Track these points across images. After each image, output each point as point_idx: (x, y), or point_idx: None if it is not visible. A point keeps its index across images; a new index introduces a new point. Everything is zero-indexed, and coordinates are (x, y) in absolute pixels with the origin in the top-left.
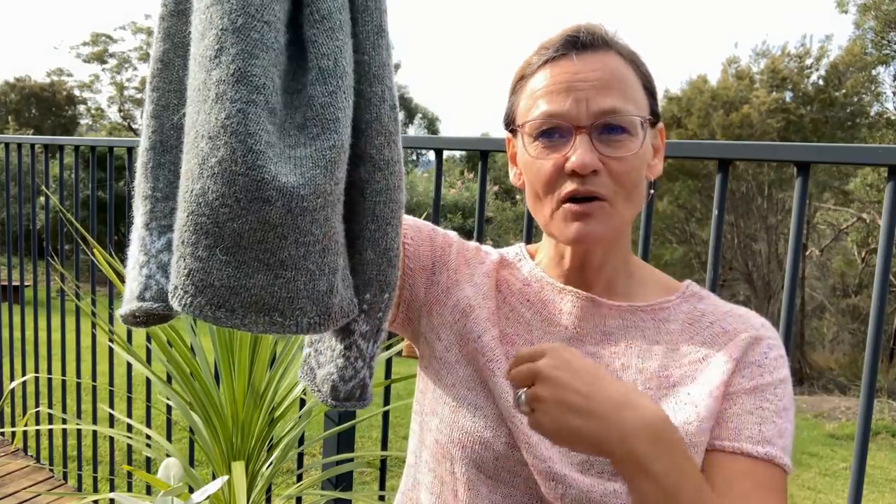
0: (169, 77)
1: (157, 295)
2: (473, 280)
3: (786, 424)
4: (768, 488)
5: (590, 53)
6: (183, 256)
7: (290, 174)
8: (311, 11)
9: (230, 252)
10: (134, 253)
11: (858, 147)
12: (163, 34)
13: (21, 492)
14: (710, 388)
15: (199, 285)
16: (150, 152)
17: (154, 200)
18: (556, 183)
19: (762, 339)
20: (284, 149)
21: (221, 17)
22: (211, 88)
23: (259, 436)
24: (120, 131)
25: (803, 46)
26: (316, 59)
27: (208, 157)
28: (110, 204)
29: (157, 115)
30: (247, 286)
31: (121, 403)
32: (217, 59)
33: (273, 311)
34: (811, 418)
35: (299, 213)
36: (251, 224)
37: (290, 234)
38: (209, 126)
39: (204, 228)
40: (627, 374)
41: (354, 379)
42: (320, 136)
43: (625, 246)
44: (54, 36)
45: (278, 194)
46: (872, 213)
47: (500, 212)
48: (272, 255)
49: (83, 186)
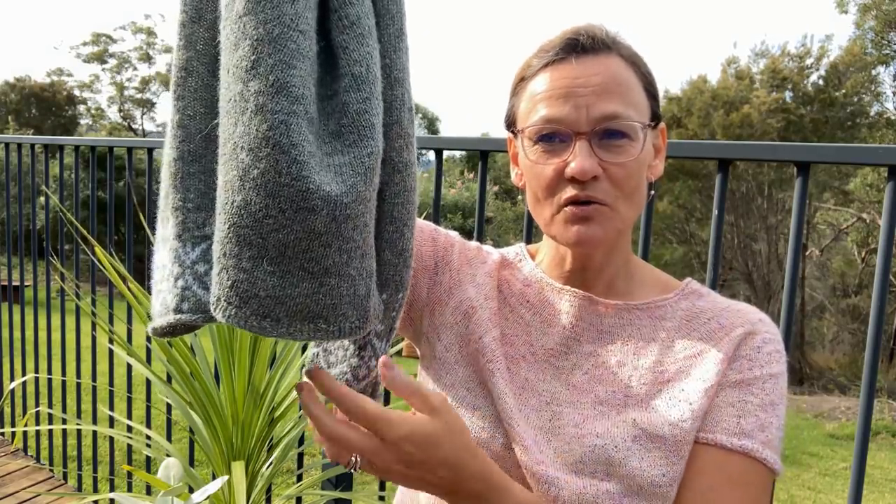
0: (194, 85)
1: (195, 306)
2: (475, 280)
3: (771, 419)
4: (738, 482)
5: (590, 57)
6: (226, 268)
7: (332, 182)
8: (340, 17)
9: (275, 262)
10: (165, 264)
11: (858, 147)
12: (184, 42)
13: (21, 492)
14: (706, 386)
15: (243, 296)
16: (179, 162)
17: (186, 211)
18: (556, 187)
19: (757, 334)
20: (323, 157)
21: (256, 28)
22: (249, 100)
23: (259, 436)
24: (120, 131)
25: (803, 46)
26: (348, 66)
27: (250, 169)
28: (110, 204)
29: (184, 125)
30: (292, 295)
31: (121, 403)
32: (254, 69)
33: (318, 318)
34: (811, 418)
35: (343, 221)
36: (296, 234)
37: (335, 242)
38: (249, 138)
39: (248, 240)
40: (623, 372)
41: (368, 377)
42: (358, 144)
43: (625, 247)
44: (54, 36)
45: (323, 203)
46: (872, 213)
47: (500, 212)
48: (317, 264)
49: (83, 186)
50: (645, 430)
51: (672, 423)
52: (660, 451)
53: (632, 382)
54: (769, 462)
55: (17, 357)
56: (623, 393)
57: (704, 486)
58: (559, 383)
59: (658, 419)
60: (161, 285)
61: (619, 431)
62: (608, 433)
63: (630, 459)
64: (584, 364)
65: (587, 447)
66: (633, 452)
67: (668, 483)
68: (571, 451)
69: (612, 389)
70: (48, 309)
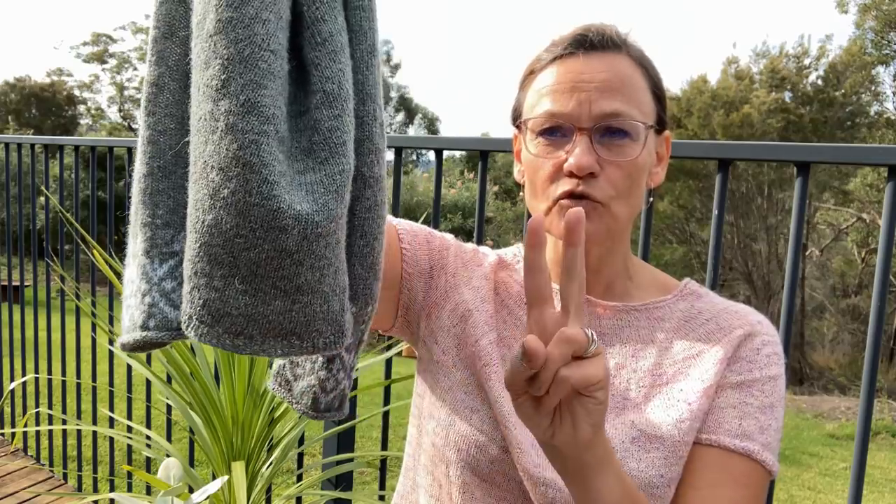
0: (164, 101)
1: (161, 324)
2: (472, 283)
3: (770, 421)
4: (738, 483)
5: (598, 54)
6: (197, 287)
7: (303, 201)
8: (312, 34)
9: (246, 281)
10: (134, 280)
11: (858, 147)
12: (156, 57)
13: (21, 492)
14: (705, 387)
15: (215, 315)
16: (149, 178)
17: (154, 227)
18: (554, 181)
19: (756, 335)
20: (294, 175)
21: (227, 47)
22: (219, 119)
23: (259, 436)
24: (120, 131)
25: (801, 46)
26: (320, 83)
27: (220, 189)
28: (110, 204)
29: (154, 141)
30: (264, 313)
31: (121, 403)
32: (224, 89)
33: (291, 335)
34: (811, 418)
35: (314, 239)
36: (267, 253)
37: (307, 260)
38: (219, 157)
39: (219, 259)
40: (622, 374)
41: (336, 390)
42: (329, 161)
43: (624, 249)
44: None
45: (294, 222)
46: (872, 213)
47: (500, 212)
48: (289, 282)
49: (83, 186)
50: (643, 431)
51: (670, 424)
52: (658, 453)
53: (630, 385)
54: (768, 464)
55: (17, 357)
56: (622, 395)
57: (706, 486)
58: None
59: (656, 420)
60: (129, 300)
61: (617, 433)
62: (607, 434)
63: (628, 461)
64: None
65: None
66: (632, 454)
67: (665, 484)
68: None
69: (610, 392)
70: (48, 309)
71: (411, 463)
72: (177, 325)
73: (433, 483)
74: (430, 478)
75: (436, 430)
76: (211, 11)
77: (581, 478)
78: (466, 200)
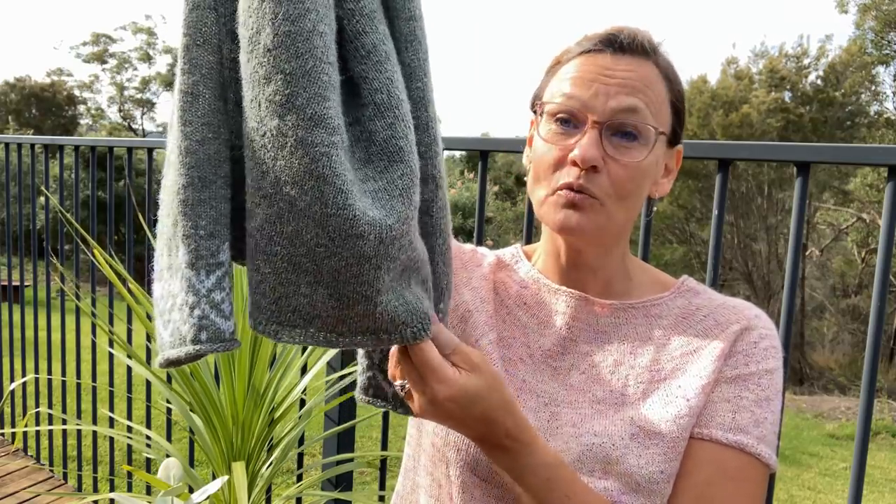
0: (201, 110)
1: (213, 336)
2: (471, 284)
3: (765, 414)
4: (733, 477)
5: (626, 56)
6: (285, 295)
7: (372, 208)
8: (356, 48)
9: (331, 287)
10: (177, 294)
11: (858, 147)
12: (189, 66)
13: (21, 492)
14: (703, 383)
15: (307, 318)
16: (189, 189)
17: (199, 238)
18: (557, 169)
19: (753, 329)
20: (359, 184)
21: (289, 61)
22: (288, 134)
23: (259, 436)
24: (120, 131)
25: (801, 46)
26: (370, 95)
27: (296, 202)
28: (110, 204)
29: (193, 151)
30: (350, 315)
31: (121, 403)
32: (289, 103)
33: (379, 331)
34: (811, 418)
35: (390, 243)
36: (347, 260)
37: (384, 264)
38: (292, 172)
39: (303, 267)
40: (620, 371)
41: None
42: (389, 168)
43: (622, 249)
44: (54, 36)
45: (370, 228)
46: (872, 213)
47: (500, 212)
48: (369, 287)
49: (83, 186)
50: (642, 427)
51: (669, 420)
52: (657, 448)
53: (629, 381)
54: (764, 457)
55: (17, 357)
56: (620, 392)
57: (701, 480)
58: (557, 384)
59: (655, 416)
60: (171, 315)
61: (616, 430)
62: (606, 431)
63: (627, 457)
64: (581, 364)
65: (585, 445)
66: (631, 450)
67: (665, 480)
68: (569, 450)
69: (609, 389)
70: (48, 309)
71: (411, 464)
72: (229, 335)
73: (433, 483)
74: (430, 478)
75: (436, 431)
76: (267, 26)
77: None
78: (466, 200)
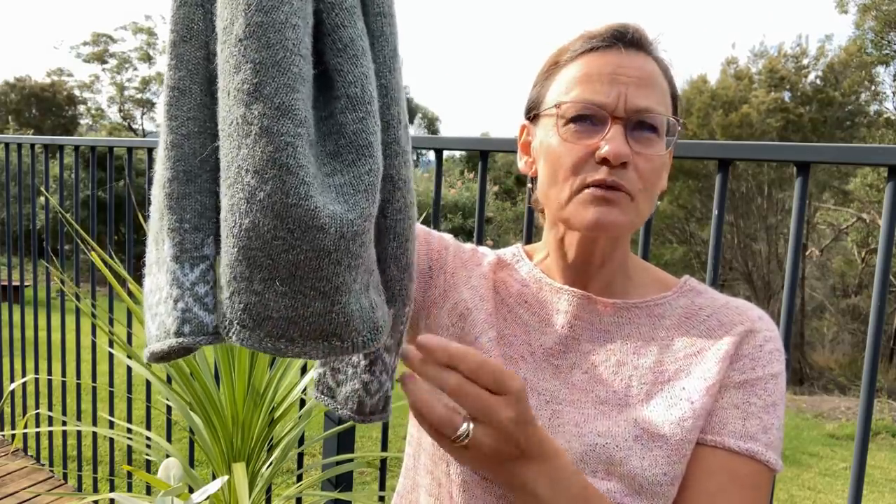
0: (187, 105)
1: (196, 329)
2: (470, 282)
3: (772, 420)
4: (745, 485)
5: (633, 51)
6: (237, 291)
7: (335, 202)
8: (334, 40)
9: (286, 283)
10: (162, 287)
11: (858, 147)
12: (176, 61)
13: (21, 492)
14: (707, 385)
15: (257, 318)
16: (174, 183)
17: (183, 232)
18: (582, 168)
19: (758, 332)
20: (323, 178)
21: (258, 52)
22: (253, 123)
23: (259, 436)
24: (120, 131)
25: (800, 46)
26: (343, 88)
27: (256, 192)
28: (110, 204)
29: (179, 145)
30: (304, 315)
31: (121, 404)
32: (257, 93)
33: (332, 336)
34: (811, 418)
35: (351, 238)
36: (306, 254)
37: (344, 260)
38: (254, 160)
39: (258, 262)
40: (623, 371)
41: (380, 392)
42: (357, 162)
43: (625, 246)
44: (54, 36)
45: (331, 221)
46: (872, 213)
47: (500, 212)
48: (328, 283)
49: (83, 186)
50: (646, 429)
51: (673, 422)
52: (661, 451)
53: (632, 382)
54: (772, 463)
55: (17, 357)
56: (624, 392)
57: (713, 488)
58: (559, 382)
59: (659, 419)
60: (158, 308)
61: (620, 430)
62: (609, 432)
63: (631, 458)
64: (583, 363)
65: (588, 446)
66: (635, 452)
67: (669, 482)
68: (572, 450)
69: (612, 389)
70: (48, 309)
71: (411, 463)
72: (212, 329)
73: (433, 482)
74: (430, 477)
75: None
76: (240, 16)
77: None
78: (466, 200)
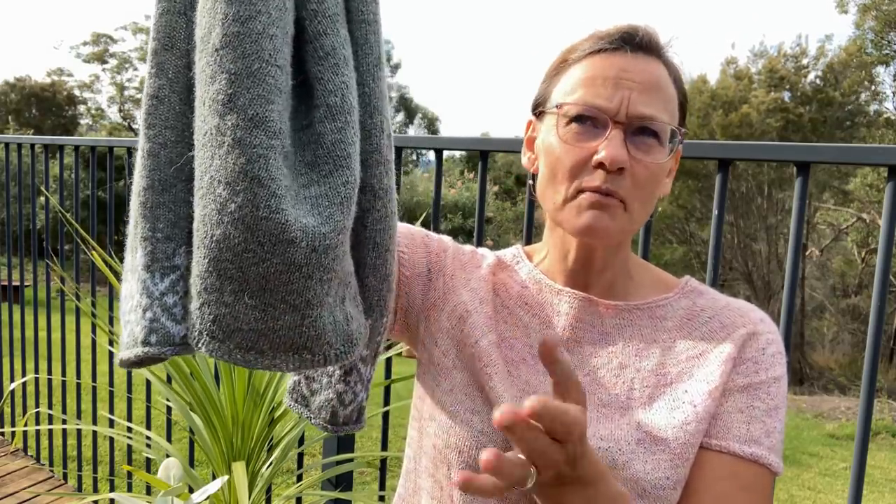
0: (165, 114)
1: (163, 339)
2: (470, 285)
3: (775, 423)
4: (750, 489)
5: (642, 55)
6: (207, 303)
7: (309, 215)
8: (315, 48)
9: (256, 296)
10: (133, 295)
11: (858, 147)
12: (156, 69)
13: (21, 492)
14: (710, 388)
15: (226, 330)
16: (149, 192)
17: (155, 241)
18: (579, 171)
19: (760, 335)
20: (299, 189)
21: (234, 62)
22: (226, 133)
23: (259, 436)
24: (120, 131)
25: (800, 46)
26: (324, 97)
27: (227, 203)
28: (110, 204)
29: (155, 153)
30: (275, 328)
31: (121, 403)
32: (231, 103)
33: (302, 349)
34: (811, 418)
35: (323, 252)
36: (276, 267)
37: (315, 273)
38: (226, 172)
39: (228, 274)
40: (625, 374)
41: (354, 402)
42: (333, 174)
43: (626, 249)
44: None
45: (302, 234)
46: (872, 213)
47: (500, 212)
48: (298, 296)
49: (83, 186)
50: (649, 433)
51: (676, 426)
52: (664, 455)
53: (634, 385)
54: (774, 466)
55: (17, 357)
56: (626, 395)
57: (719, 493)
58: None
59: (662, 422)
60: (129, 316)
61: (622, 434)
62: (612, 436)
63: (634, 462)
64: (585, 366)
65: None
66: (637, 455)
67: (671, 486)
68: None
69: (614, 392)
70: (48, 309)
71: (412, 465)
72: (179, 339)
73: (435, 485)
74: (432, 480)
75: (437, 433)
76: (217, 26)
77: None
78: (466, 200)
